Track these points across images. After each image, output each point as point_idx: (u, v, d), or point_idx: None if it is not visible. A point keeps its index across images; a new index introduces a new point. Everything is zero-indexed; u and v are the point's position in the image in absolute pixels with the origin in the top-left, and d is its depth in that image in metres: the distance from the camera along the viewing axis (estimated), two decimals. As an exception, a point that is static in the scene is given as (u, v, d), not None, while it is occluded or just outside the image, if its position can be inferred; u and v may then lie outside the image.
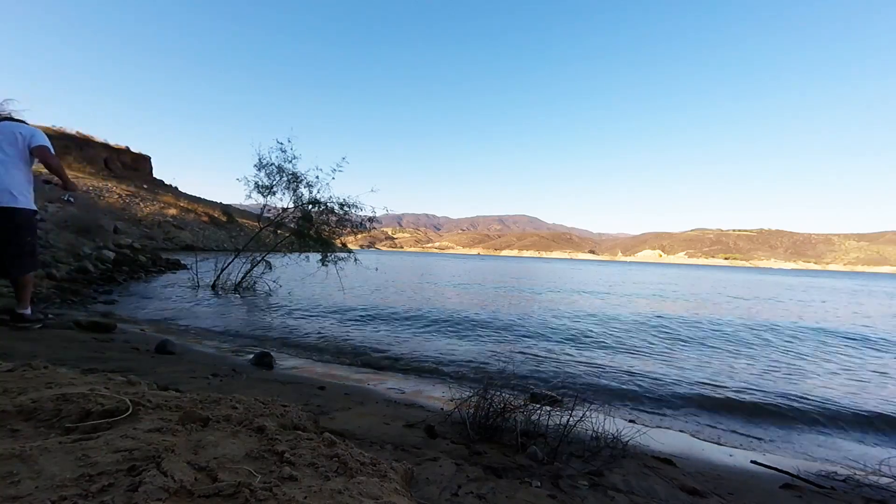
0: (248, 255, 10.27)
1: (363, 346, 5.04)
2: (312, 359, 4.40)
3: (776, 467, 2.43)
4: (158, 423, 1.05)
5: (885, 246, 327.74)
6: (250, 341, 4.96)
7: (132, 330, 4.63)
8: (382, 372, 4.11)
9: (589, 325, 7.35)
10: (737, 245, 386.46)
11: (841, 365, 5.38)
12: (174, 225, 25.41)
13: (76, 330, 3.91)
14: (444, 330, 6.35)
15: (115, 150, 35.14)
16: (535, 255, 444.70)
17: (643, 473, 1.96)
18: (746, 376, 4.57)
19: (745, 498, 1.93)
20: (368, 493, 0.85)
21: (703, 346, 6.08)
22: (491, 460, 1.83)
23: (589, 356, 5.10)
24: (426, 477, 1.52)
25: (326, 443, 1.07)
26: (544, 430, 2.18)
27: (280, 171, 9.82)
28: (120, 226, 18.32)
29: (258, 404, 1.37)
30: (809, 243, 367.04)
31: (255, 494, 0.75)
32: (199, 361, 3.44)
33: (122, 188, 27.00)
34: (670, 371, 4.59)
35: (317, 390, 2.95)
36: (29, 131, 3.25)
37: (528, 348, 5.38)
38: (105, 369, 2.39)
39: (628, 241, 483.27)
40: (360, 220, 10.18)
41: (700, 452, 2.67)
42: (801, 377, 4.69)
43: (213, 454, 0.91)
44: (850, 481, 2.27)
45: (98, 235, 13.31)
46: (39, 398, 1.11)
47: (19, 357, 2.10)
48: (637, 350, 5.60)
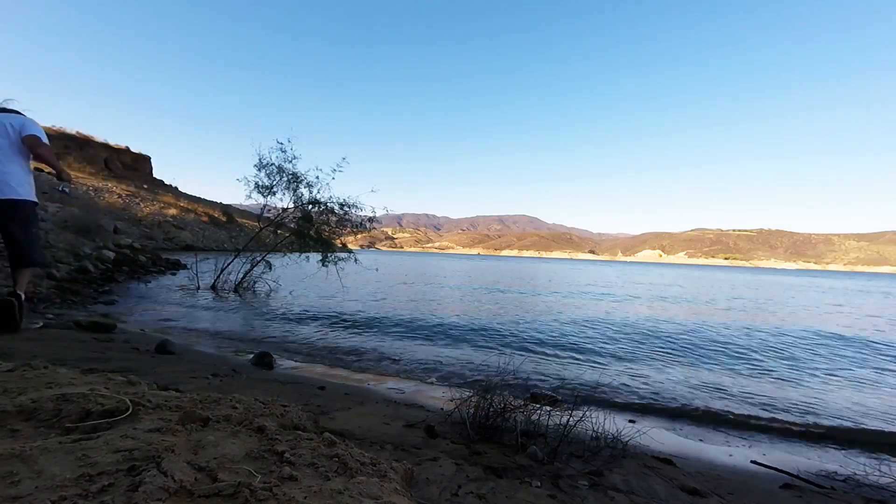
0: (248, 256, 10.28)
1: (363, 346, 5.04)
2: (312, 359, 4.40)
3: (776, 467, 2.43)
4: (158, 423, 1.05)
5: (885, 246, 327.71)
6: (250, 341, 4.96)
7: (132, 330, 4.63)
8: (382, 372, 4.11)
9: (589, 327, 7.35)
10: (737, 245, 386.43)
11: (854, 373, 5.37)
12: (174, 225, 25.41)
13: (76, 330, 3.91)
14: (444, 330, 6.35)
15: (115, 150, 35.15)
16: (535, 255, 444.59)
17: (643, 473, 1.96)
18: (748, 379, 4.57)
19: (745, 498, 1.93)
20: (368, 493, 0.84)
21: (704, 348, 6.08)
22: (491, 460, 1.83)
23: (589, 357, 5.10)
24: (426, 477, 1.52)
25: (326, 443, 1.07)
26: (544, 430, 2.18)
27: (280, 172, 9.84)
28: (120, 226, 18.32)
29: (258, 404, 1.37)
30: (809, 243, 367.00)
31: (255, 494, 0.75)
32: (199, 361, 3.44)
33: (122, 188, 27.02)
34: (671, 372, 4.59)
35: (317, 390, 2.95)
36: (19, 121, 3.11)
37: (528, 349, 5.38)
38: (105, 369, 2.39)
39: (628, 241, 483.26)
40: (360, 221, 10.19)
41: (700, 452, 2.67)
42: (804, 381, 4.69)
43: (213, 454, 0.91)
44: (850, 481, 2.27)
45: (98, 235, 13.31)
46: (39, 398, 1.11)
47: (19, 357, 2.10)
48: (637, 351, 5.60)
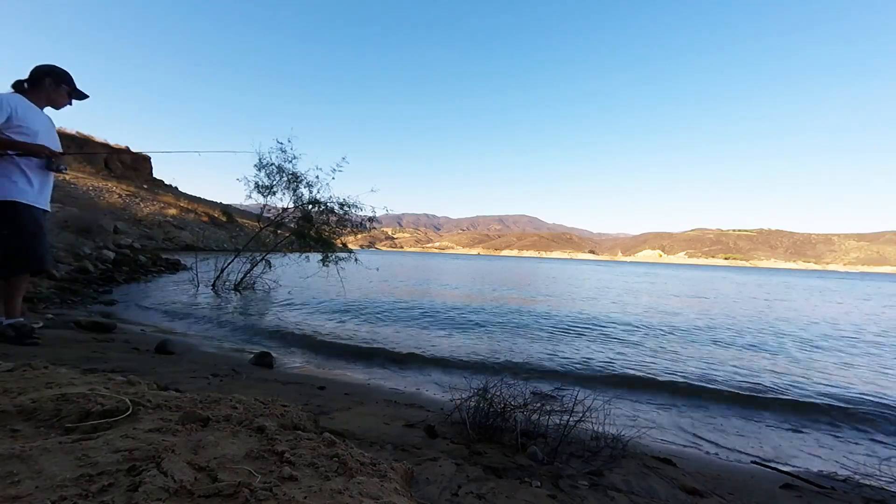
0: (248, 255, 10.29)
1: (363, 346, 5.03)
2: (313, 359, 4.40)
3: (776, 467, 2.43)
4: (158, 423, 1.05)
5: (885, 246, 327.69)
6: (250, 341, 4.96)
7: (132, 330, 4.62)
8: (382, 372, 4.11)
9: (590, 328, 7.35)
10: (737, 245, 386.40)
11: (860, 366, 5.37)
12: (174, 225, 25.41)
13: (76, 330, 3.91)
14: (444, 331, 6.35)
15: (115, 150, 35.14)
16: (535, 256, 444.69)
17: (643, 473, 1.96)
18: (750, 377, 4.57)
19: (745, 498, 1.93)
20: (368, 493, 0.85)
21: (705, 349, 6.07)
22: (491, 460, 1.83)
23: (590, 357, 5.10)
24: (426, 477, 1.52)
25: (326, 443, 1.07)
26: (544, 430, 2.18)
27: (280, 171, 9.83)
28: (120, 226, 18.32)
29: (258, 404, 1.37)
30: (809, 243, 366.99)
31: (255, 494, 0.75)
32: (199, 361, 3.44)
33: (122, 188, 27.01)
34: (672, 373, 4.58)
35: (317, 390, 2.95)
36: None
37: (528, 349, 5.38)
38: (105, 369, 2.39)
39: (628, 241, 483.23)
40: (360, 220, 10.20)
41: (700, 452, 2.67)
42: (809, 378, 4.69)
43: (213, 454, 0.91)
44: (850, 481, 2.27)
45: (98, 235, 13.32)
46: (39, 398, 1.11)
47: (19, 357, 2.10)
48: (639, 353, 5.60)
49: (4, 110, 2.63)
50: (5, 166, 2.70)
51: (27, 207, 2.76)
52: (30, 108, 2.79)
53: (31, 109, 2.80)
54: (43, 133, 2.83)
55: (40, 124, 2.84)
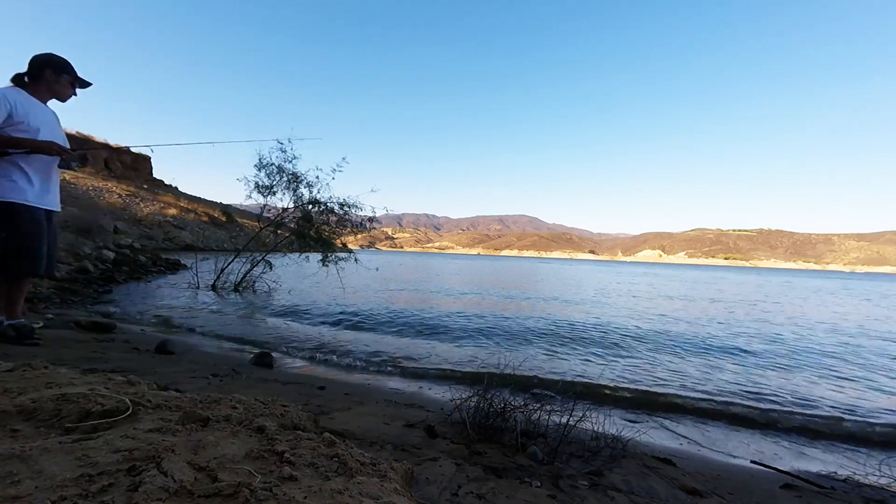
0: (248, 255, 10.29)
1: (364, 345, 5.04)
2: (313, 359, 4.40)
3: (776, 467, 2.43)
4: (158, 423, 1.05)
5: (885, 246, 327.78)
6: (250, 341, 4.95)
7: (132, 330, 4.62)
8: (382, 372, 4.11)
9: (590, 328, 7.35)
10: (737, 245, 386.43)
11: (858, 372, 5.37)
12: (174, 225, 25.41)
13: (76, 330, 3.91)
14: (444, 330, 6.35)
15: (115, 150, 35.13)
16: (535, 256, 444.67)
17: (643, 473, 1.96)
18: (748, 380, 4.57)
19: (745, 498, 1.93)
20: (368, 493, 0.85)
21: (705, 351, 6.08)
22: (491, 460, 1.83)
23: (590, 358, 5.10)
24: (426, 477, 1.52)
25: (326, 443, 1.07)
26: (544, 430, 2.18)
27: (280, 172, 9.84)
28: (120, 226, 18.31)
29: (258, 404, 1.37)
30: (809, 243, 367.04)
31: (255, 494, 0.75)
32: (199, 361, 3.43)
33: (122, 188, 27.02)
34: (672, 373, 4.59)
35: (317, 390, 2.95)
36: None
37: (528, 349, 5.38)
38: (105, 369, 2.39)
39: (628, 241, 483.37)
40: (360, 220, 10.20)
41: (700, 452, 2.67)
42: (810, 383, 4.69)
43: (213, 454, 0.91)
44: (850, 481, 2.27)
45: (98, 235, 13.32)
46: (39, 398, 1.11)
47: (19, 357, 2.10)
48: (638, 353, 5.60)
49: (4, 107, 2.50)
50: (4, 166, 2.60)
51: (26, 208, 2.67)
52: (31, 102, 2.67)
53: (32, 104, 2.67)
54: (45, 129, 2.70)
55: (42, 120, 2.71)
